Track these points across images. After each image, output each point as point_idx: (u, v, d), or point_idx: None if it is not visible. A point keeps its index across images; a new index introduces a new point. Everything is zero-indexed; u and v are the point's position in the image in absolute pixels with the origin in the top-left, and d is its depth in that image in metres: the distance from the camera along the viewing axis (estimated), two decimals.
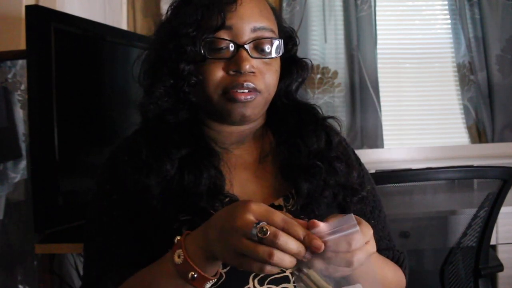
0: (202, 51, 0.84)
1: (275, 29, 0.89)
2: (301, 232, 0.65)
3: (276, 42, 0.87)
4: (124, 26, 2.34)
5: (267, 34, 0.86)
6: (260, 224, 0.64)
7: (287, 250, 0.63)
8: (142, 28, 2.40)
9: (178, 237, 0.74)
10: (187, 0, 0.87)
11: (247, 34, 0.84)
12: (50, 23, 1.30)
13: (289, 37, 0.95)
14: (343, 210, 0.92)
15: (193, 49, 0.84)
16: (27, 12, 1.29)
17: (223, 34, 0.84)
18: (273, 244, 0.63)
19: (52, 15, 1.33)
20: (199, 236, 0.71)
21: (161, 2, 2.38)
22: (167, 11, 0.90)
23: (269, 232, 0.63)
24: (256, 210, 0.66)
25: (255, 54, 0.85)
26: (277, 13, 0.94)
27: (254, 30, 0.85)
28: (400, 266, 0.96)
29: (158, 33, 0.90)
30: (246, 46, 0.84)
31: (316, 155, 0.90)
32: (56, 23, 1.32)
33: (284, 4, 2.44)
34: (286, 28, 0.95)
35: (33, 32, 1.29)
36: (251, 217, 0.65)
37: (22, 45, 1.43)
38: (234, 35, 0.84)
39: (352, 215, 0.67)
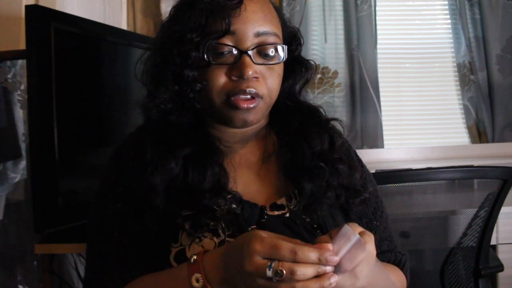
0: (206, 56, 0.83)
1: (279, 32, 0.89)
2: (313, 255, 0.65)
3: (280, 47, 0.87)
4: (124, 26, 2.34)
5: (271, 39, 0.86)
6: (273, 266, 0.64)
7: (307, 279, 0.64)
8: (142, 28, 2.40)
9: (195, 257, 0.74)
10: (191, 3, 0.86)
11: (250, 39, 0.84)
12: (50, 23, 1.30)
13: (293, 37, 0.94)
14: (345, 211, 0.92)
15: (197, 55, 0.83)
16: (27, 12, 1.29)
17: (226, 40, 0.83)
18: (292, 281, 0.64)
19: (52, 15, 1.33)
20: (220, 266, 0.72)
21: (161, 2, 2.38)
22: (170, 12, 0.90)
23: (284, 272, 0.64)
24: (261, 250, 0.66)
25: (258, 60, 0.85)
26: (281, 14, 0.93)
27: (258, 35, 0.84)
28: (402, 267, 0.96)
29: (161, 34, 0.89)
30: (250, 52, 0.83)
31: (319, 156, 0.90)
32: (56, 23, 1.32)
33: (284, 4, 2.44)
34: (290, 28, 0.95)
35: (33, 32, 1.28)
36: (259, 260, 0.66)
37: (22, 45, 1.43)
38: (237, 40, 0.83)
39: (347, 226, 0.68)
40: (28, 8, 1.29)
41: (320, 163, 0.89)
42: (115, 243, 0.85)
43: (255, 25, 0.84)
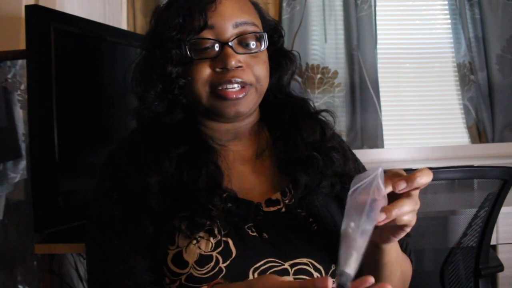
0: (188, 53, 0.85)
1: (258, 23, 0.90)
2: None
3: (260, 35, 0.88)
4: (124, 26, 2.34)
5: (250, 28, 0.87)
6: None
7: None
8: (142, 28, 2.40)
9: (205, 287, 0.74)
10: (168, 5, 0.89)
11: (229, 31, 0.86)
12: (50, 23, 1.30)
13: (274, 29, 0.96)
14: (340, 201, 0.92)
15: (179, 52, 0.85)
16: (26, 12, 1.29)
17: (206, 34, 0.85)
18: None
19: (51, 15, 1.33)
20: None
21: (161, 2, 2.38)
22: (151, 20, 0.92)
23: None
24: None
25: (240, 50, 0.86)
26: (259, 7, 0.95)
27: (236, 26, 0.86)
28: (404, 251, 0.96)
29: (145, 41, 0.92)
30: (230, 43, 0.85)
31: (312, 146, 0.91)
32: (55, 23, 1.32)
33: (284, 4, 2.44)
34: (270, 21, 0.96)
35: (33, 32, 1.28)
36: None
37: (22, 45, 1.43)
38: (217, 34, 0.85)
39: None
40: (28, 8, 1.29)
41: (313, 152, 0.90)
42: (114, 245, 0.84)
43: (233, 17, 0.86)
